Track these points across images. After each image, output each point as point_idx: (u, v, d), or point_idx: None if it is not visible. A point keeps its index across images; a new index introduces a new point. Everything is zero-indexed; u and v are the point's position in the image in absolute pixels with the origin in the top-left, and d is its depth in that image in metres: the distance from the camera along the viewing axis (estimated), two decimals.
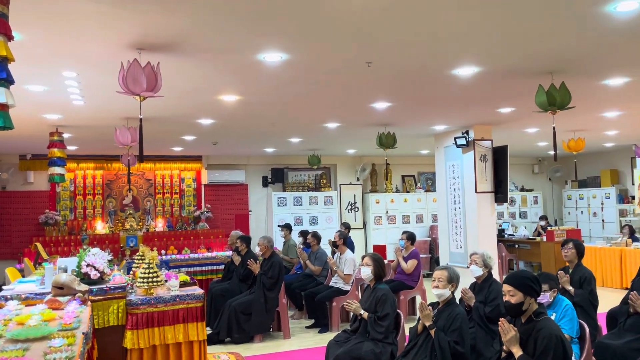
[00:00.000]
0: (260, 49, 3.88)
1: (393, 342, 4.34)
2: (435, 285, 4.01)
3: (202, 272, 8.61)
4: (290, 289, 7.47)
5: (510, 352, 3.04)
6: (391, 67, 4.46)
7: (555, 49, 4.10)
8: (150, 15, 3.16)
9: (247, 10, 3.12)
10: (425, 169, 12.80)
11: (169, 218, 10.66)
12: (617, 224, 12.01)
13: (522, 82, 5.10)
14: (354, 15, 3.26)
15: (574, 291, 4.99)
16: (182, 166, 10.82)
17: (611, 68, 4.75)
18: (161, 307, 4.35)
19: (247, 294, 6.61)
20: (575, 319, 4.10)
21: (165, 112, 6.15)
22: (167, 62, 4.05)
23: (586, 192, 12.90)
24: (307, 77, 4.72)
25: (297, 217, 11.15)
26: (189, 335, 4.41)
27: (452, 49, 4.04)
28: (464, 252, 7.98)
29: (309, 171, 11.83)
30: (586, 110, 6.75)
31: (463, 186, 8.10)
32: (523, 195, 13.34)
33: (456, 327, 3.77)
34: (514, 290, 3.08)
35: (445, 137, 8.49)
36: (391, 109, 6.29)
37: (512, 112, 6.76)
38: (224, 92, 5.23)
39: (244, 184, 11.29)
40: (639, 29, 3.66)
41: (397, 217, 11.83)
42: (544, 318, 3.05)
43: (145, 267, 4.47)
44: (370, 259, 4.65)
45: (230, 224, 11.00)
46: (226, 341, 6.40)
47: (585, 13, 3.34)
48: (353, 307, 4.50)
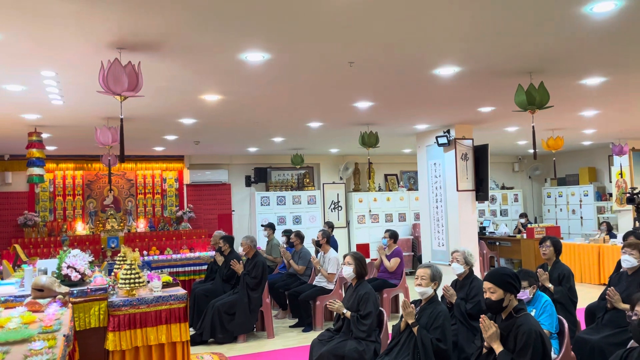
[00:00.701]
0: (242, 49, 3.87)
1: (376, 340, 4.37)
2: (418, 283, 4.05)
3: (184, 272, 8.56)
4: (274, 288, 7.47)
5: (491, 348, 3.09)
6: (373, 66, 4.49)
7: (533, 49, 4.16)
8: (130, 14, 3.13)
9: (228, 9, 3.12)
10: (407, 167, 12.89)
11: (151, 218, 10.56)
12: (595, 220, 12.24)
13: (502, 81, 5.17)
14: (336, 15, 3.27)
15: (553, 288, 5.07)
16: (164, 166, 10.73)
17: (588, 68, 4.84)
18: (143, 308, 4.32)
19: (231, 294, 6.59)
20: (554, 315, 4.18)
21: (147, 112, 6.10)
22: (148, 61, 4.02)
23: (565, 189, 13.11)
24: (289, 76, 4.72)
25: (281, 216, 11.14)
26: (171, 336, 4.39)
27: (433, 49, 4.08)
28: (446, 250, 8.06)
29: (292, 170, 11.83)
30: (564, 109, 6.87)
31: (445, 184, 8.17)
32: (504, 193, 13.51)
33: (438, 324, 3.81)
34: (494, 287, 3.13)
35: (427, 136, 8.56)
36: (373, 108, 6.33)
37: (492, 111, 6.84)
38: (205, 91, 5.21)
39: (226, 184, 11.25)
40: (615, 30, 3.73)
41: (380, 215, 11.90)
42: (524, 314, 3.10)
43: (127, 268, 4.43)
44: (352, 258, 4.67)
45: (213, 224, 10.95)
46: (209, 342, 6.37)
47: (563, 14, 3.40)
48: (336, 307, 4.52)
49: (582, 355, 4.25)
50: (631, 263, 4.72)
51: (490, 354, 3.11)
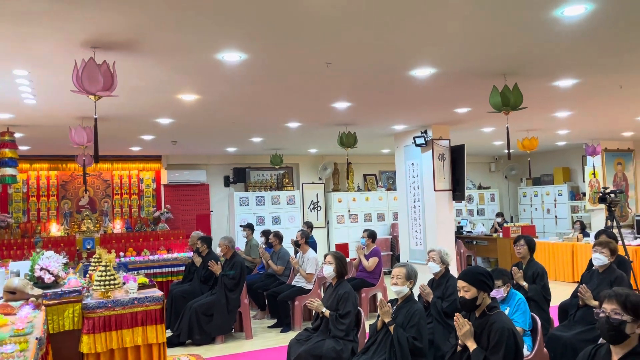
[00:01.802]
0: (219, 49, 3.85)
1: (354, 340, 4.40)
2: (394, 282, 4.09)
3: (162, 274, 8.49)
4: (253, 289, 7.45)
5: (465, 345, 3.14)
6: (351, 67, 4.51)
7: (508, 51, 4.23)
8: (104, 13, 3.10)
9: (205, 9, 3.10)
10: (386, 167, 12.97)
11: (128, 219, 10.44)
12: (569, 219, 12.48)
13: (477, 83, 5.24)
14: (313, 16, 3.28)
15: (527, 286, 5.16)
16: (140, 166, 10.61)
17: (561, 70, 4.94)
18: (119, 310, 4.28)
19: (209, 295, 6.55)
20: (527, 313, 4.25)
21: (123, 111, 6.03)
22: (123, 60, 3.97)
23: (540, 189, 13.34)
24: (266, 77, 4.72)
25: (260, 216, 11.11)
26: (148, 338, 4.36)
27: (409, 51, 4.12)
28: (424, 249, 8.13)
29: (271, 171, 11.81)
30: (538, 110, 6.99)
31: (422, 184, 8.25)
32: (480, 193, 13.69)
33: (414, 323, 3.85)
34: (468, 286, 3.18)
35: (404, 137, 8.62)
36: (351, 109, 6.36)
37: (468, 112, 6.93)
38: (182, 91, 5.17)
39: (205, 184, 11.18)
40: (585, 33, 3.82)
41: (359, 215, 11.95)
42: (497, 312, 3.15)
43: (102, 269, 4.38)
44: (333, 257, 4.69)
45: (191, 224, 10.86)
46: (187, 343, 6.33)
47: (535, 17, 3.47)
48: (315, 305, 4.54)
49: (554, 352, 4.33)
50: (602, 261, 4.83)
51: (465, 351, 3.16)
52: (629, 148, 11.66)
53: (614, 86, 5.70)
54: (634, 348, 2.34)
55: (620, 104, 6.87)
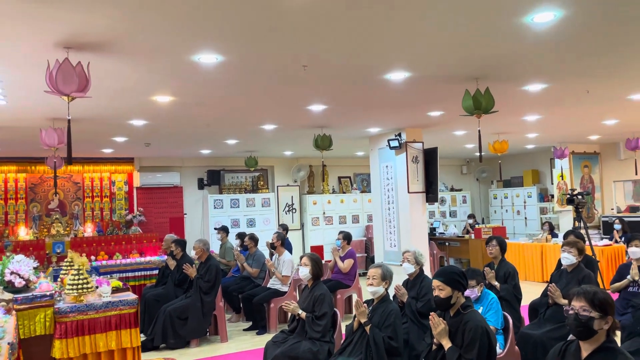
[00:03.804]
0: (195, 50, 3.84)
1: (330, 341, 4.43)
2: (369, 283, 4.13)
3: (134, 277, 8.39)
4: (228, 291, 7.42)
5: (441, 344, 3.20)
6: (326, 70, 4.55)
7: (479, 56, 4.33)
8: (78, 13, 3.06)
9: (181, 10, 3.09)
10: (360, 170, 13.07)
11: (99, 222, 10.26)
12: (538, 221, 12.77)
13: (450, 87, 5.34)
14: (290, 19, 3.30)
15: (499, 286, 5.28)
16: (112, 168, 10.43)
17: (530, 75, 5.07)
18: (92, 315, 4.22)
19: (183, 299, 6.50)
20: (500, 312, 4.35)
21: (95, 113, 5.94)
22: (97, 61, 3.92)
23: (510, 191, 13.63)
24: (243, 79, 4.72)
25: (234, 219, 11.05)
26: (122, 342, 4.30)
27: (384, 55, 4.18)
28: (398, 251, 8.22)
29: (246, 173, 11.76)
30: (509, 114, 7.16)
31: (396, 187, 8.34)
32: (452, 195, 13.90)
33: (390, 322, 3.90)
34: (442, 285, 3.24)
35: (379, 139, 8.71)
36: (327, 111, 6.40)
37: (441, 115, 7.05)
38: (157, 92, 5.13)
39: (178, 187, 11.06)
40: (554, 39, 3.94)
41: (334, 217, 12.00)
42: (471, 311, 3.22)
43: (75, 273, 4.31)
44: (309, 259, 4.72)
45: (165, 227, 10.73)
46: (161, 347, 6.26)
47: (506, 24, 3.56)
48: (291, 308, 4.55)
49: (525, 349, 4.43)
50: (570, 261, 4.97)
51: (440, 350, 3.22)
52: (595, 151, 12.02)
53: (581, 91, 5.88)
54: (602, 343, 2.43)
55: (587, 108, 7.09)
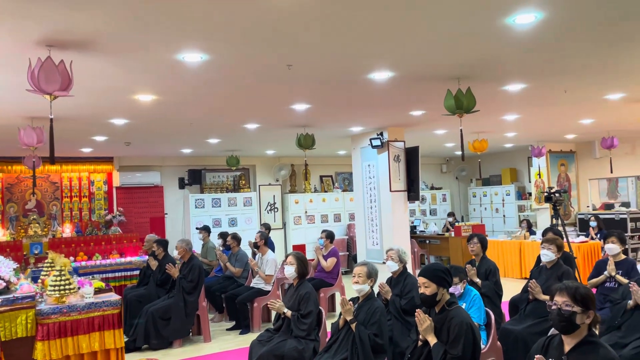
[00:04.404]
0: (180, 49, 3.82)
1: (315, 339, 4.45)
2: (355, 280, 4.16)
3: (115, 278, 8.29)
4: (210, 291, 7.38)
5: (426, 340, 3.24)
6: (311, 70, 4.56)
7: (462, 57, 4.39)
8: (60, 11, 3.01)
9: (166, 8, 3.07)
10: (342, 169, 13.12)
11: (78, 223, 10.10)
12: (516, 218, 12.99)
13: (432, 86, 5.41)
14: (275, 18, 3.31)
15: (480, 282, 5.36)
16: (91, 168, 10.28)
17: (511, 75, 5.16)
18: (74, 316, 4.16)
19: (166, 299, 6.45)
20: (482, 308, 4.43)
21: (75, 112, 5.86)
22: (79, 59, 3.87)
23: (489, 189, 13.83)
24: (227, 78, 4.70)
25: (216, 219, 11.00)
26: (105, 344, 4.26)
27: (368, 54, 4.21)
28: (380, 249, 8.28)
29: (228, 172, 11.71)
30: (489, 113, 7.27)
31: (378, 185, 8.40)
32: (433, 193, 14.05)
33: (375, 320, 3.94)
34: (428, 282, 3.29)
35: (361, 139, 8.76)
36: (310, 110, 6.41)
37: (422, 114, 7.12)
38: (139, 91, 5.08)
39: (159, 186, 10.96)
40: (534, 40, 4.02)
41: (315, 216, 12.02)
42: (456, 307, 3.28)
43: (57, 274, 4.25)
44: (294, 258, 4.73)
45: (145, 227, 10.63)
46: (143, 348, 6.21)
47: (488, 25, 3.63)
48: (277, 306, 4.56)
49: (507, 344, 4.52)
50: (549, 257, 5.07)
51: (425, 346, 3.26)
52: (571, 150, 12.27)
53: (559, 91, 6.01)
54: (584, 337, 2.50)
55: (564, 108, 7.24)
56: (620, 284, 4.95)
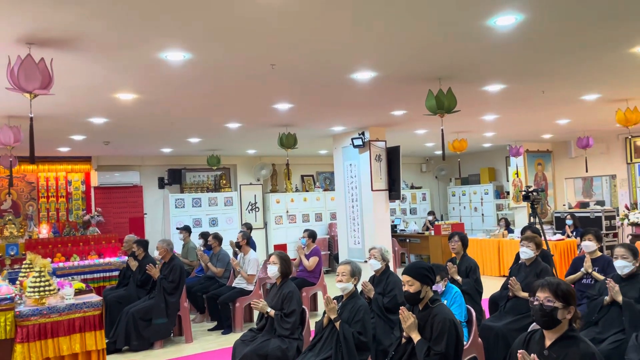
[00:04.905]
0: (163, 48, 3.79)
1: (299, 338, 4.45)
2: (339, 279, 4.18)
3: (93, 279, 8.18)
4: (192, 292, 7.33)
5: (410, 337, 3.28)
6: (294, 69, 4.57)
7: (443, 57, 4.45)
8: (41, 8, 2.97)
9: (149, 7, 3.05)
10: (323, 168, 13.14)
11: (55, 223, 9.93)
12: (495, 217, 13.18)
13: (414, 87, 5.46)
14: (258, 18, 3.31)
15: (461, 280, 5.44)
16: (69, 167, 10.11)
17: (491, 75, 5.25)
18: (55, 317, 4.10)
19: (146, 300, 6.39)
20: (463, 305, 4.49)
21: (53, 111, 5.76)
22: (59, 58, 3.82)
23: (468, 188, 14.00)
24: (210, 77, 4.68)
25: (196, 218, 10.92)
26: (86, 345, 4.21)
27: (350, 55, 4.24)
28: (362, 248, 8.33)
29: (208, 172, 11.63)
30: (469, 113, 7.36)
31: (360, 185, 8.44)
32: (413, 193, 14.17)
33: (359, 318, 3.97)
34: (412, 280, 3.32)
35: (342, 138, 8.79)
36: (292, 110, 6.42)
37: (404, 114, 7.18)
38: (120, 90, 5.02)
39: (138, 186, 10.83)
40: (514, 41, 4.10)
41: (297, 216, 12.02)
42: (439, 304, 3.32)
43: (36, 275, 4.18)
44: (277, 257, 4.73)
45: (124, 228, 10.49)
46: (124, 350, 6.14)
47: (470, 26, 3.68)
48: (260, 306, 4.55)
49: (487, 341, 4.59)
50: (528, 255, 5.16)
51: (409, 343, 3.29)
52: (547, 149, 12.50)
53: (537, 91, 6.12)
54: (565, 332, 2.56)
55: (541, 108, 7.38)
56: (597, 281, 5.07)
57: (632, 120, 6.69)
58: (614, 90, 6.30)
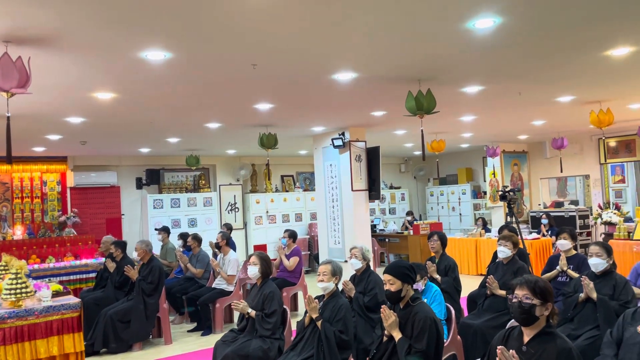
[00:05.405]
0: (143, 47, 3.76)
1: (280, 338, 4.46)
2: (320, 279, 4.20)
3: (69, 281, 8.05)
4: (171, 293, 7.27)
5: (391, 335, 3.31)
6: (275, 69, 4.57)
7: (422, 59, 4.50)
8: (19, 6, 2.92)
9: (130, 5, 3.02)
10: (303, 169, 13.15)
11: (30, 225, 9.74)
12: (472, 217, 13.37)
13: (394, 88, 5.51)
14: (240, 17, 3.31)
15: (440, 279, 5.51)
16: (44, 168, 9.93)
17: (469, 77, 5.32)
18: (32, 320, 4.04)
19: (125, 301, 6.32)
20: (443, 303, 4.55)
21: (29, 110, 5.65)
22: (37, 56, 3.76)
23: (446, 188, 14.17)
24: (190, 76, 4.65)
25: (175, 219, 10.82)
26: (64, 348, 4.15)
27: (332, 56, 4.26)
28: (342, 248, 8.37)
29: (187, 172, 11.54)
30: (447, 114, 7.46)
31: (340, 185, 8.48)
32: (392, 193, 14.28)
33: (340, 317, 4.00)
34: (393, 279, 3.36)
35: (323, 138, 8.82)
36: (273, 110, 6.41)
37: (384, 115, 7.24)
38: (98, 89, 4.96)
39: (115, 186, 10.69)
40: (493, 44, 4.17)
41: (277, 216, 12.01)
42: (420, 302, 3.36)
43: (12, 277, 4.10)
44: (258, 258, 4.73)
45: (101, 229, 10.35)
46: (102, 352, 6.06)
47: (450, 28, 3.73)
48: (240, 307, 4.54)
49: (466, 338, 4.66)
50: (506, 254, 5.26)
51: (390, 341, 3.33)
52: (523, 150, 12.73)
53: (514, 93, 6.23)
54: (543, 328, 2.62)
55: (518, 110, 7.51)
56: (572, 278, 5.19)
57: (605, 122, 6.86)
58: (588, 93, 6.46)
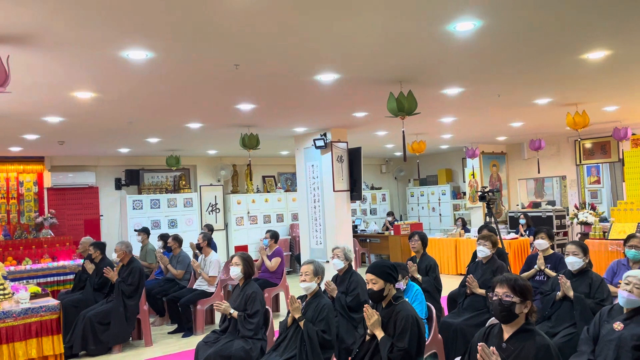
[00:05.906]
0: (124, 46, 3.73)
1: (262, 338, 4.47)
2: (302, 279, 4.22)
3: (47, 283, 7.91)
4: (151, 294, 7.21)
5: (374, 335, 3.34)
6: (258, 70, 4.57)
7: (404, 61, 4.55)
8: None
9: (111, 4, 3.00)
10: (284, 169, 13.14)
11: (6, 226, 9.54)
12: (452, 217, 13.52)
13: (375, 89, 5.55)
14: (223, 18, 3.30)
15: (421, 278, 5.56)
16: (20, 168, 9.75)
17: (449, 79, 5.40)
18: (10, 322, 3.97)
19: (104, 303, 6.24)
20: (424, 302, 4.60)
21: (5, 109, 5.55)
22: (16, 54, 3.70)
23: (426, 189, 14.30)
24: (172, 76, 4.63)
25: (155, 220, 10.72)
26: (43, 350, 4.10)
27: (314, 56, 4.28)
28: (324, 248, 8.39)
29: (167, 172, 11.45)
30: (428, 115, 7.54)
31: (322, 185, 8.50)
32: (373, 193, 14.36)
33: (323, 317, 4.01)
34: (375, 279, 3.39)
35: (304, 139, 8.83)
36: (256, 110, 6.41)
37: (365, 116, 7.28)
38: (78, 88, 4.89)
39: (94, 187, 10.55)
40: (472, 46, 4.23)
41: (258, 217, 11.98)
42: (402, 301, 3.40)
43: None
44: (240, 259, 4.72)
45: (79, 230, 10.21)
46: (81, 355, 5.98)
47: (431, 31, 3.78)
48: (222, 308, 4.53)
49: (447, 337, 4.72)
50: (485, 253, 5.34)
51: (373, 340, 3.36)
52: (502, 151, 12.91)
53: (493, 95, 6.33)
54: (522, 326, 2.68)
55: (496, 111, 7.63)
56: (549, 277, 5.29)
57: (580, 124, 7.01)
58: (564, 95, 6.59)
